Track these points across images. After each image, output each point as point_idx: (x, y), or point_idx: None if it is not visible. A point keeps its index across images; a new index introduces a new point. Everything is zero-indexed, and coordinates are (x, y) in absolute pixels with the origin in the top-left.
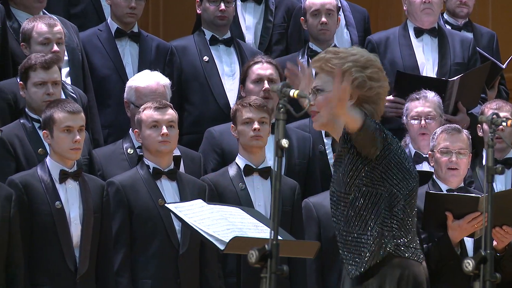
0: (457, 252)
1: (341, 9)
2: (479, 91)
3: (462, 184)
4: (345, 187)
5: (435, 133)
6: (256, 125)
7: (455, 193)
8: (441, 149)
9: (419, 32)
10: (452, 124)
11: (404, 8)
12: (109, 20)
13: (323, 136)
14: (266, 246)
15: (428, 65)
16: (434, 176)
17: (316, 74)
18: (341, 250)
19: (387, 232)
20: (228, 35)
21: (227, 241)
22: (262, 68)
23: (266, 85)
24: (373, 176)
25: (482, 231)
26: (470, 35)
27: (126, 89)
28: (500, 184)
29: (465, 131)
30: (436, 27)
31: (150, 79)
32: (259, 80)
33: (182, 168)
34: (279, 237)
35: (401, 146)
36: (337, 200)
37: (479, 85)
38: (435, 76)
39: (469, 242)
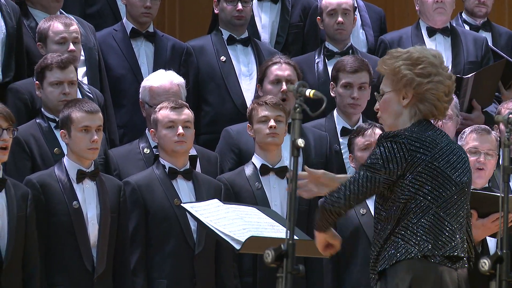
0: (478, 251)
1: (357, 9)
2: (494, 89)
3: (487, 186)
4: (381, 202)
5: (463, 132)
6: (272, 123)
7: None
8: (469, 148)
9: (431, 32)
10: (482, 125)
11: (417, 8)
12: (124, 20)
13: (339, 135)
14: (282, 245)
15: None
16: None
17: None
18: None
19: (410, 244)
20: (245, 34)
21: (243, 240)
22: (281, 69)
23: (284, 86)
24: (399, 192)
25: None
26: (483, 34)
27: (140, 89)
28: None
29: (494, 133)
30: (449, 27)
31: (164, 79)
32: (277, 81)
33: (198, 168)
34: (295, 237)
35: (444, 151)
36: (374, 211)
37: (494, 83)
38: None
39: (491, 242)
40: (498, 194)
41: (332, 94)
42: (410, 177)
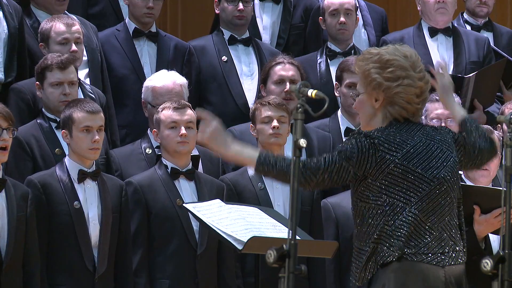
0: (482, 247)
1: (358, 9)
2: (495, 89)
3: (491, 185)
4: (351, 203)
5: None
6: (275, 123)
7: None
8: None
9: (433, 32)
10: (484, 125)
11: (418, 8)
12: (127, 20)
13: (342, 136)
14: (284, 246)
15: None
16: (463, 176)
17: None
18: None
19: (386, 246)
20: (246, 34)
21: (245, 241)
22: (284, 69)
23: (288, 86)
24: (369, 193)
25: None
26: (485, 34)
27: (143, 89)
28: None
29: (496, 133)
30: (450, 27)
31: (167, 79)
32: (281, 81)
33: (200, 168)
34: (298, 237)
35: (417, 148)
36: (352, 214)
37: (495, 82)
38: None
39: (495, 243)
40: (500, 188)
41: (336, 94)
42: (380, 177)
